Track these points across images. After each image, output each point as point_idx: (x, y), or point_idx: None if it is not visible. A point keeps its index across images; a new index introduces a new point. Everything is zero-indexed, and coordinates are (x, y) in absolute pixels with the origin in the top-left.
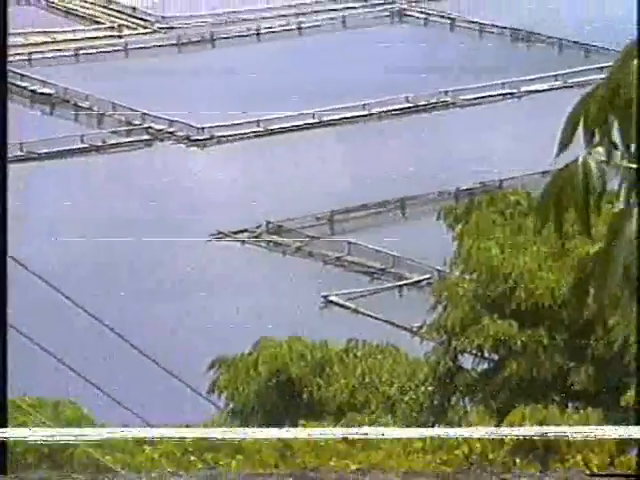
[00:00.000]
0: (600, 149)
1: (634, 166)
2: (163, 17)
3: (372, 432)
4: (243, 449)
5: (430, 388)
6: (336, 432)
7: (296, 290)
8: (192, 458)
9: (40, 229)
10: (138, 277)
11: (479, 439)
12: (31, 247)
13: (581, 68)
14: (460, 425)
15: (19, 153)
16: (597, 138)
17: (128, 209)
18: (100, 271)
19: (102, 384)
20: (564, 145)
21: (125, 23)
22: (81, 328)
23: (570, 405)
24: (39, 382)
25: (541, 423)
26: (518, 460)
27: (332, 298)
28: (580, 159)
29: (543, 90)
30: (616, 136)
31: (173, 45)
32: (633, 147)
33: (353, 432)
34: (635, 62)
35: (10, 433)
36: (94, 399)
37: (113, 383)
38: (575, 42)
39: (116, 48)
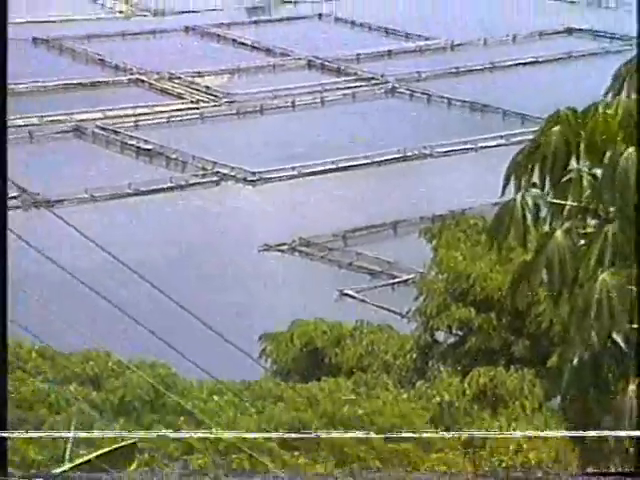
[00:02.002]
0: (534, 189)
1: (555, 200)
2: (228, 93)
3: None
4: (284, 399)
5: (414, 355)
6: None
7: (319, 286)
8: (247, 404)
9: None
10: (213, 271)
11: (447, 392)
12: (141, 253)
13: (520, 131)
14: (434, 380)
15: (129, 191)
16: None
17: (205, 225)
18: (186, 269)
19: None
20: (506, 186)
21: (201, 98)
22: (169, 310)
23: (512, 367)
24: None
25: (491, 380)
26: (475, 406)
27: (345, 292)
28: (518, 196)
29: (492, 146)
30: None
31: (234, 114)
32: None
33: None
34: (556, 128)
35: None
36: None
37: (185, 351)
38: (515, 112)
39: (195, 116)
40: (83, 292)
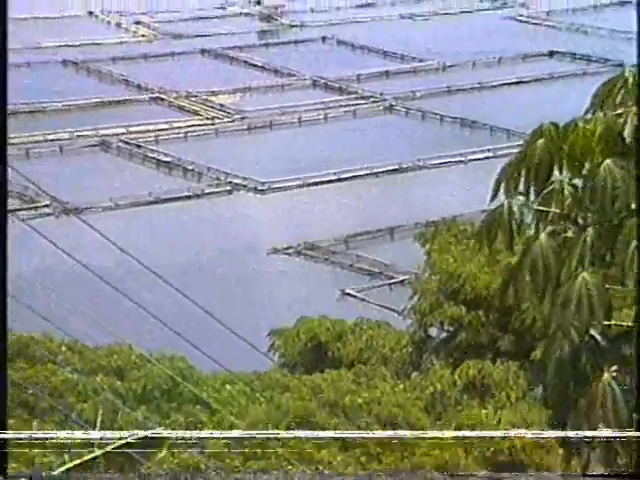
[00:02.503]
0: (520, 197)
1: (539, 207)
2: (240, 110)
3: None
4: (290, 388)
5: (409, 349)
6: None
7: (323, 286)
8: (257, 394)
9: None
10: (225, 272)
11: (440, 383)
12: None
13: (506, 145)
14: (428, 372)
15: (150, 199)
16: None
17: (219, 230)
18: (201, 269)
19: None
20: (494, 194)
21: (216, 115)
22: (186, 307)
23: (498, 360)
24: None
25: (480, 372)
26: (465, 396)
27: (347, 291)
28: (505, 203)
29: (481, 159)
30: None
31: (245, 129)
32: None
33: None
34: (540, 141)
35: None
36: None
37: (201, 344)
38: (501, 128)
39: (210, 131)
40: (106, 290)
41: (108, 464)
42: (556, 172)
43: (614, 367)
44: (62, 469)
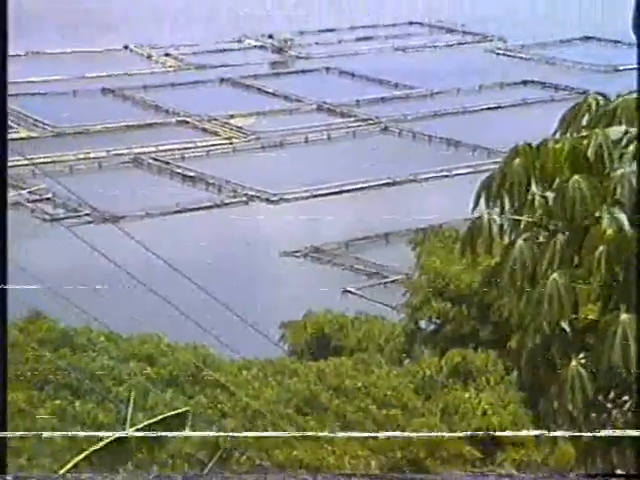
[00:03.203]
0: (498, 208)
1: (515, 217)
2: (254, 131)
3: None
4: (298, 373)
5: (402, 340)
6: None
7: (326, 284)
8: (269, 378)
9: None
10: (242, 271)
11: (428, 369)
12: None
13: (486, 161)
14: (418, 359)
15: (176, 209)
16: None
17: (236, 235)
18: (221, 270)
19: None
20: (475, 205)
21: (233, 135)
22: (208, 302)
23: (479, 348)
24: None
25: (463, 359)
26: (451, 380)
27: (347, 289)
28: (486, 214)
29: (464, 173)
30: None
31: (259, 148)
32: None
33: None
34: (516, 159)
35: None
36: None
37: (220, 334)
38: (482, 147)
39: (228, 149)
40: (137, 286)
41: (138, 444)
42: (533, 185)
43: (581, 355)
44: (65, 469)
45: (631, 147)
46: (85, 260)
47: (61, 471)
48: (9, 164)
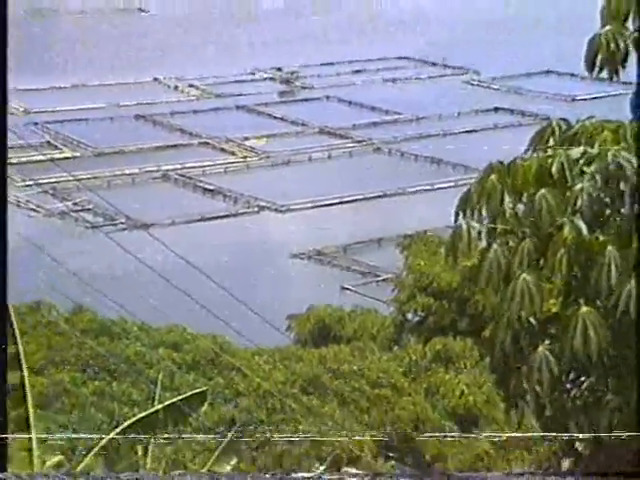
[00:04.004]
0: (476, 217)
1: (490, 225)
2: (265, 151)
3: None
4: (302, 359)
5: (391, 329)
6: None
7: (327, 282)
8: (278, 363)
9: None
10: (255, 271)
11: (414, 354)
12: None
13: (464, 177)
14: (405, 346)
15: (198, 217)
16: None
17: (250, 240)
18: (237, 270)
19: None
20: (457, 215)
21: (247, 154)
22: (226, 298)
23: (458, 337)
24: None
25: (444, 346)
26: (433, 364)
27: (345, 286)
28: (465, 222)
29: (445, 187)
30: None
31: (270, 165)
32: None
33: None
34: (491, 175)
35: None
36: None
37: (236, 325)
38: (460, 164)
39: (243, 167)
40: (164, 284)
41: (165, 418)
42: (506, 198)
43: (546, 342)
44: (124, 424)
45: (590, 165)
46: (120, 261)
47: (102, 442)
48: (57, 180)
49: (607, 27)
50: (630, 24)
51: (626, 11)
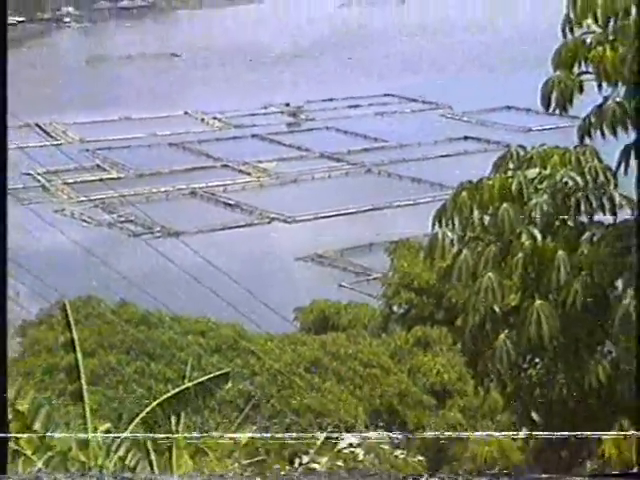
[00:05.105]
0: (450, 226)
1: (461, 233)
2: (276, 172)
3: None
4: (306, 343)
5: (380, 320)
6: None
7: (327, 280)
8: (285, 347)
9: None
10: (266, 272)
11: (399, 340)
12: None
13: (440, 193)
14: (392, 334)
15: (221, 227)
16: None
17: (262, 245)
18: (250, 271)
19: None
20: (433, 225)
21: (260, 175)
22: (244, 295)
23: (435, 326)
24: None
25: (424, 333)
26: (415, 348)
27: (341, 284)
28: (440, 231)
29: (424, 202)
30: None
31: (279, 184)
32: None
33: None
34: (463, 192)
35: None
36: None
37: (252, 316)
38: (437, 183)
39: (257, 185)
40: (194, 283)
41: (195, 394)
42: (474, 211)
43: (507, 330)
44: (159, 399)
45: (543, 184)
46: (156, 263)
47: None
48: (105, 197)
49: (557, 72)
50: (575, 70)
51: (572, 60)
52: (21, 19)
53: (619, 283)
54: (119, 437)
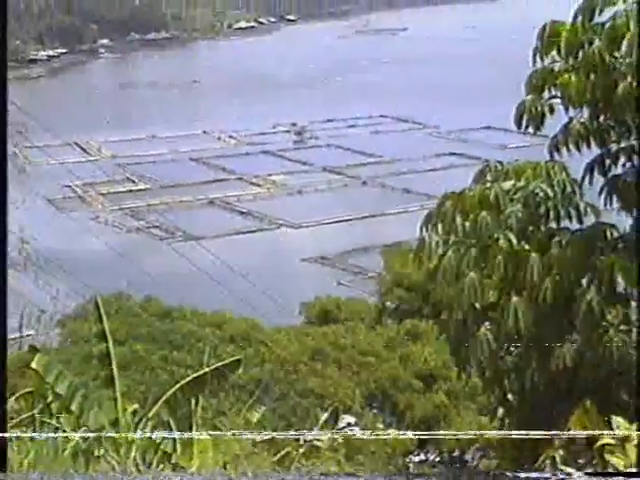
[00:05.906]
0: (436, 232)
1: (446, 237)
2: (283, 184)
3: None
4: (310, 335)
5: (375, 314)
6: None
7: (328, 279)
8: (293, 337)
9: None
10: (275, 271)
11: (392, 331)
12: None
13: (429, 202)
14: (385, 326)
15: (235, 232)
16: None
17: (272, 248)
18: (262, 271)
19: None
20: (422, 230)
21: (270, 187)
22: (255, 292)
23: (423, 320)
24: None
25: (413, 326)
26: (406, 338)
27: (341, 282)
28: (427, 235)
29: (414, 210)
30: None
31: (286, 195)
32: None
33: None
34: (448, 201)
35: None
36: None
37: (261, 310)
38: (426, 194)
39: (267, 196)
40: (211, 282)
41: (212, 378)
42: (457, 218)
43: (487, 324)
44: (181, 383)
45: (517, 194)
46: (178, 264)
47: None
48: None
49: (530, 96)
50: (545, 94)
51: (542, 85)
52: (64, 51)
53: (584, 281)
54: (71, 473)
